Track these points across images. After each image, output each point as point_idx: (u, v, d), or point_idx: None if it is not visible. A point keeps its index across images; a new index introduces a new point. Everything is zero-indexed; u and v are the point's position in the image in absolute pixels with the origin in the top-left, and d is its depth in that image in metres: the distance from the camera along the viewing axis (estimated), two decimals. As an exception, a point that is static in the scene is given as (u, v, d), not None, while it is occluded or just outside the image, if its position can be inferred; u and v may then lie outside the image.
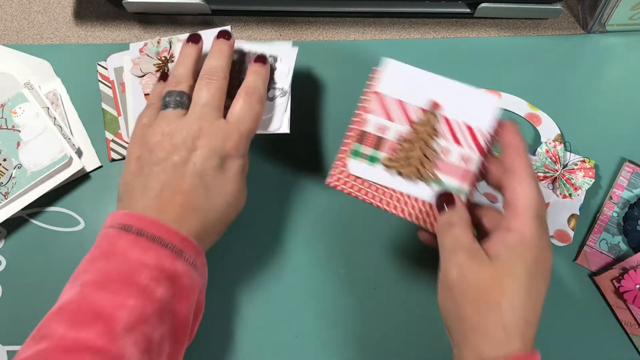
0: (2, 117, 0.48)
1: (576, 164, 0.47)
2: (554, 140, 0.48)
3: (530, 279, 0.33)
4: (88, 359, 0.30)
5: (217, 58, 0.40)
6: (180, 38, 0.50)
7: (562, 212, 0.46)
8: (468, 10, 0.54)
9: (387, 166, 0.38)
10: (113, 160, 0.50)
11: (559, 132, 0.49)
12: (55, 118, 0.50)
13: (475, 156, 0.37)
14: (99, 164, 0.50)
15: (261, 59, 0.42)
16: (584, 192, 0.47)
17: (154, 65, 0.49)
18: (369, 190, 0.39)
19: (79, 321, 0.31)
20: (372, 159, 0.39)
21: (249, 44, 0.48)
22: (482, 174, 0.38)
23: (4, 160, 0.47)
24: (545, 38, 0.54)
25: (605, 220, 0.47)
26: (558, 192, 0.47)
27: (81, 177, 0.49)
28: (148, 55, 0.49)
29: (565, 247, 0.46)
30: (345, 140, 0.39)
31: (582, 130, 0.50)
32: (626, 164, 0.48)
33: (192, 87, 0.40)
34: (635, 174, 0.48)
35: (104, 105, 0.51)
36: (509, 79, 0.52)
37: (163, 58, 0.49)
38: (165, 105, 0.39)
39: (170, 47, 0.49)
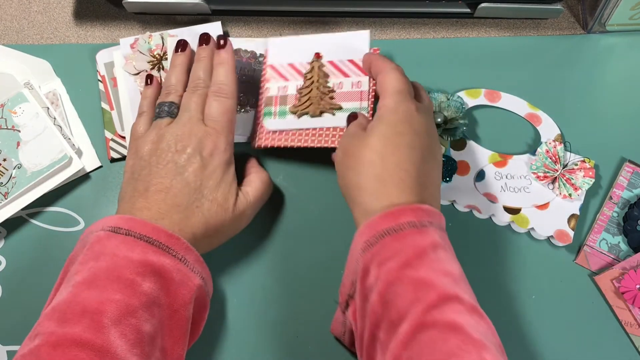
0: (2, 117, 0.48)
1: (576, 164, 0.47)
2: (554, 140, 0.48)
3: (399, 135, 0.38)
4: (75, 352, 0.31)
5: (199, 68, 0.44)
6: (171, 34, 0.50)
7: (562, 212, 0.46)
8: (468, 10, 0.54)
9: (295, 113, 0.45)
10: (113, 159, 0.50)
11: (559, 132, 0.49)
12: (55, 118, 0.50)
13: (364, 79, 0.45)
14: (98, 164, 0.50)
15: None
16: (584, 192, 0.47)
17: (148, 62, 0.49)
18: (288, 137, 0.45)
19: (67, 318, 0.33)
20: (282, 113, 0.46)
21: (243, 42, 0.50)
22: (377, 95, 0.43)
23: (4, 160, 0.47)
24: (545, 38, 0.54)
25: (605, 220, 0.47)
26: (558, 192, 0.47)
27: (81, 177, 0.49)
28: (141, 52, 0.49)
29: (565, 247, 0.46)
30: (258, 110, 0.47)
31: (582, 130, 0.50)
32: (626, 164, 0.48)
33: (181, 96, 0.44)
34: (635, 174, 0.48)
35: (103, 105, 0.51)
36: (509, 79, 0.52)
37: (157, 55, 0.49)
38: (156, 116, 0.43)
39: (163, 43, 0.49)
